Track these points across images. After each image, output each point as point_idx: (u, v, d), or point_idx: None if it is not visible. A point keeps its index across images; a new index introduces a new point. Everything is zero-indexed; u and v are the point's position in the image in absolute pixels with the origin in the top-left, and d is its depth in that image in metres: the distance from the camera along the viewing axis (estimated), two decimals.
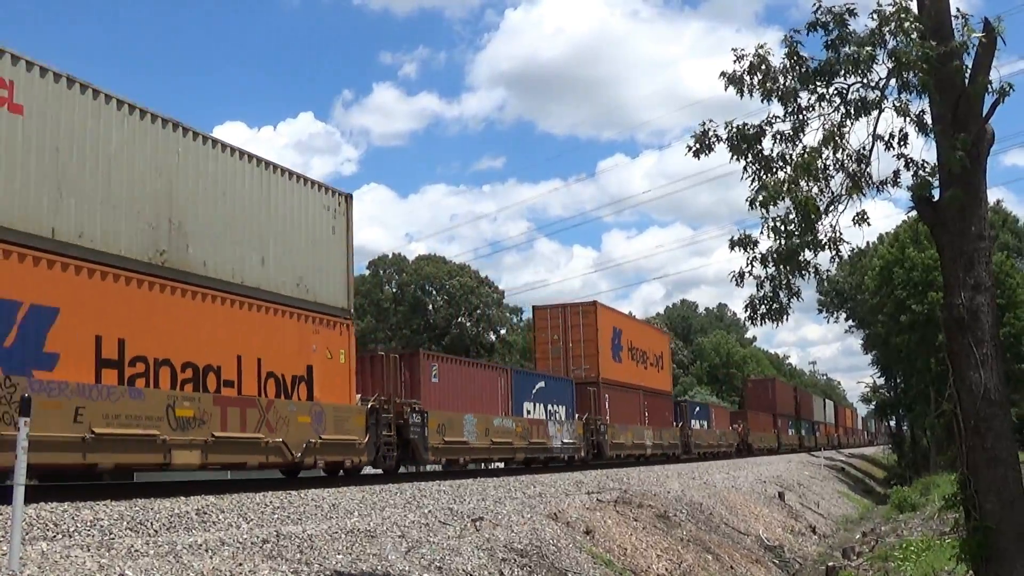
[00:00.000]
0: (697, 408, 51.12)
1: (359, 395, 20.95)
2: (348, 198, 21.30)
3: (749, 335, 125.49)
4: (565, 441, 31.34)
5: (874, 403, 76.30)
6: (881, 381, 73.75)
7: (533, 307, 39.66)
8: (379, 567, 11.50)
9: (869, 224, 10.44)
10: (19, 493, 8.33)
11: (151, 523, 11.34)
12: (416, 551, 12.56)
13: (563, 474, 25.95)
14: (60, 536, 10.13)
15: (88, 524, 10.72)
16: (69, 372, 13.65)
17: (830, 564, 23.04)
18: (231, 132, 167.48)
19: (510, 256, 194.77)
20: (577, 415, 33.36)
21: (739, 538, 24.45)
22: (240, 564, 9.90)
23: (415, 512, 15.11)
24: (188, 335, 15.98)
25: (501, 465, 30.42)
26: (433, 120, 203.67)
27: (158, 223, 15.72)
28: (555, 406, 31.70)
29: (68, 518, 10.76)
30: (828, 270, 10.98)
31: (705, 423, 50.39)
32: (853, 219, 10.39)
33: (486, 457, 27.95)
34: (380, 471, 22.22)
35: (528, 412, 29.77)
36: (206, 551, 10.10)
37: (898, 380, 69.22)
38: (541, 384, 31.40)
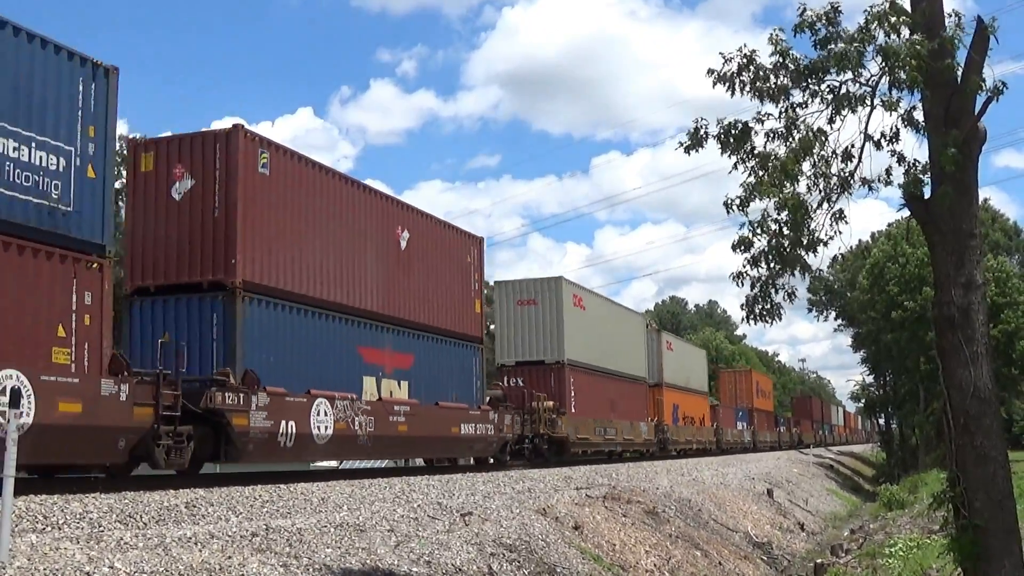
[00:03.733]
0: (781, 419, 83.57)
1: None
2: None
3: (739, 332, 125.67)
4: (747, 440, 63.59)
5: (863, 401, 76.66)
6: (871, 379, 74.00)
7: (721, 372, 75.05)
8: (368, 561, 11.50)
9: (847, 222, 10.43)
10: (8, 485, 8.29)
11: (140, 516, 11.30)
12: (405, 545, 12.56)
13: (551, 470, 26.03)
14: (49, 528, 10.08)
15: (77, 516, 10.68)
16: None
17: (818, 561, 23.09)
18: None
19: (504, 252, 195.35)
20: (750, 426, 65.96)
21: (727, 534, 24.53)
22: (229, 557, 9.89)
23: (404, 506, 15.10)
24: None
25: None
26: (429, 118, 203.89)
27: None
28: (743, 422, 64.40)
29: (57, 510, 10.70)
30: (819, 269, 10.96)
31: (784, 428, 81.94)
32: (832, 215, 10.37)
33: (745, 448, 61.14)
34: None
35: (739, 426, 62.62)
36: (195, 544, 10.08)
37: (888, 378, 69.45)
38: (741, 412, 64.81)
